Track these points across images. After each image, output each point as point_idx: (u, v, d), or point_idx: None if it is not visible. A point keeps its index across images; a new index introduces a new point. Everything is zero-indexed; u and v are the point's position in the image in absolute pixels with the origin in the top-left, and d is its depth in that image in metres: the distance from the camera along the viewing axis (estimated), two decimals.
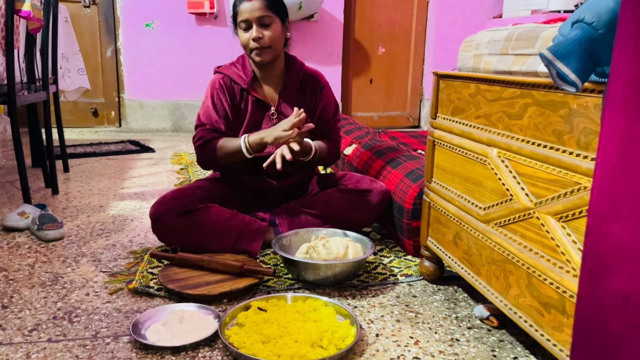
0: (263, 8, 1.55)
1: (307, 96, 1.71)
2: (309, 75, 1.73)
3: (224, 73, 1.67)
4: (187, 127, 4.07)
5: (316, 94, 1.72)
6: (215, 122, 1.62)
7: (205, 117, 1.64)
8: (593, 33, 0.66)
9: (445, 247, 1.33)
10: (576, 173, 0.85)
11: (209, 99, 1.65)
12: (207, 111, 1.64)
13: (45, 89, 2.27)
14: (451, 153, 1.27)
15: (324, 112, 1.73)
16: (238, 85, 1.65)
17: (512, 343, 1.15)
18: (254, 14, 1.55)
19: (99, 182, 2.47)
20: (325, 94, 1.73)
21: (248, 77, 1.65)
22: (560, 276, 0.89)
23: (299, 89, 1.71)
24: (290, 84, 1.69)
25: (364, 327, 1.20)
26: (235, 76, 1.66)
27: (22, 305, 1.26)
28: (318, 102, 1.72)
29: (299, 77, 1.70)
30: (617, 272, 0.55)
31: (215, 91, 1.65)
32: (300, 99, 1.70)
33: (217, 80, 1.66)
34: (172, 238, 1.56)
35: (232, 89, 1.66)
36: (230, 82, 1.66)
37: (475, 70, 1.20)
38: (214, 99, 1.64)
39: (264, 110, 1.67)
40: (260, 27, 1.56)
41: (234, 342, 1.07)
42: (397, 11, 4.29)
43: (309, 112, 1.71)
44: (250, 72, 1.66)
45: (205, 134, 1.61)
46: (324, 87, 1.73)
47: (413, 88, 4.48)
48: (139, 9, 3.83)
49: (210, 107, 1.64)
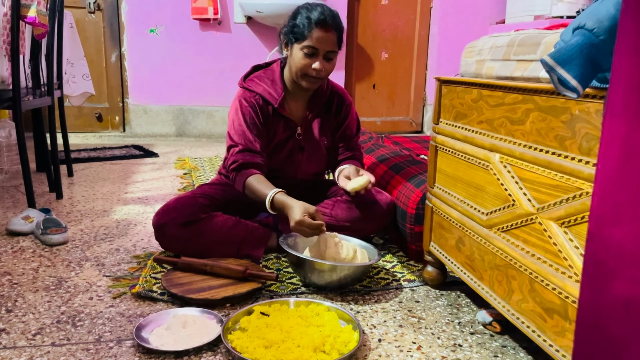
0: (335, 43, 1.53)
1: (332, 114, 1.72)
2: (335, 93, 1.72)
3: (255, 91, 1.62)
4: (191, 132, 4.08)
5: (341, 111, 1.72)
6: (250, 141, 1.56)
7: (240, 137, 1.57)
8: (594, 39, 0.66)
9: (448, 252, 1.33)
10: (578, 178, 0.85)
11: (240, 118, 1.59)
12: (240, 130, 1.58)
13: (50, 94, 2.28)
14: (454, 158, 1.27)
15: (348, 130, 1.74)
16: (270, 105, 1.62)
17: (514, 349, 1.14)
18: (326, 47, 1.52)
19: (103, 187, 2.48)
20: (350, 113, 1.74)
21: (279, 95, 1.61)
22: (562, 281, 0.89)
23: (325, 107, 1.71)
24: (317, 103, 1.68)
25: (367, 332, 1.20)
26: (267, 94, 1.61)
27: (26, 309, 1.26)
28: (342, 120, 1.73)
29: (326, 95, 1.70)
30: (619, 277, 0.55)
31: (247, 110, 1.59)
32: (326, 117, 1.71)
33: (249, 99, 1.61)
34: (175, 247, 1.56)
35: (264, 108, 1.62)
36: (262, 102, 1.62)
37: (478, 76, 1.20)
38: (247, 118, 1.58)
39: (291, 129, 1.67)
40: (324, 60, 1.53)
41: (236, 347, 1.07)
42: (400, 17, 4.30)
43: (332, 129, 1.72)
44: (281, 90, 1.62)
45: (240, 158, 1.55)
46: (349, 106, 1.74)
47: (416, 93, 4.49)
48: (144, 15, 3.85)
49: (243, 126, 1.58)
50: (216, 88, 3.99)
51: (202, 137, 4.09)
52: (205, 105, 4.03)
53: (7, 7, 1.92)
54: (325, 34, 1.51)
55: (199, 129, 4.08)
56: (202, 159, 3.22)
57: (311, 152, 1.69)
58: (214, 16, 3.82)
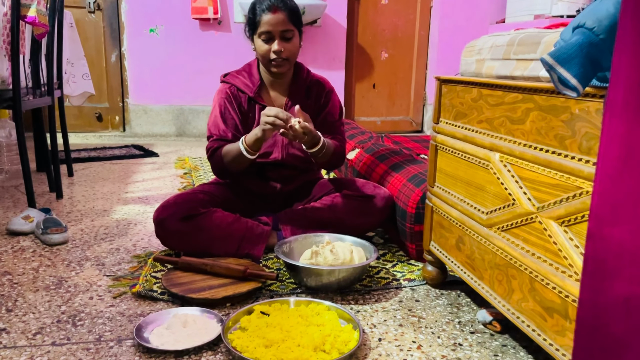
0: (286, 22, 1.56)
1: (312, 100, 1.73)
2: (315, 81, 1.75)
3: (231, 82, 1.68)
4: (191, 132, 4.09)
5: (321, 97, 1.74)
6: (223, 131, 1.63)
7: (214, 127, 1.65)
8: (594, 38, 0.66)
9: (448, 252, 1.33)
10: (578, 177, 0.85)
11: (216, 109, 1.67)
12: (215, 121, 1.66)
13: (50, 93, 2.28)
14: (454, 157, 1.27)
15: (329, 115, 1.74)
16: (245, 94, 1.67)
17: (515, 348, 1.14)
18: (278, 28, 1.55)
19: (103, 187, 2.48)
20: (330, 98, 1.75)
21: (255, 85, 1.67)
22: (562, 280, 0.89)
23: (305, 95, 1.72)
24: (296, 91, 1.70)
25: (367, 332, 1.20)
26: (242, 85, 1.67)
27: (26, 309, 1.26)
28: (323, 105, 1.74)
29: (305, 83, 1.72)
30: (619, 276, 0.55)
31: (222, 101, 1.66)
32: (306, 103, 1.71)
33: (224, 90, 1.68)
34: (175, 242, 1.56)
35: (239, 97, 1.67)
36: (237, 92, 1.67)
37: (478, 75, 1.20)
38: (222, 109, 1.66)
39: None
40: (282, 41, 1.57)
41: (236, 346, 1.07)
42: (400, 16, 4.30)
43: (313, 115, 1.72)
44: (257, 80, 1.67)
45: (213, 144, 1.63)
46: (329, 92, 1.75)
47: (416, 93, 4.49)
48: (144, 15, 3.85)
49: (218, 117, 1.65)
50: (216, 88, 3.95)
51: (202, 137, 4.09)
52: (205, 105, 4.04)
53: (7, 7, 1.92)
54: (273, 15, 1.55)
55: (199, 128, 4.09)
56: (202, 158, 3.22)
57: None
58: (214, 16, 3.82)
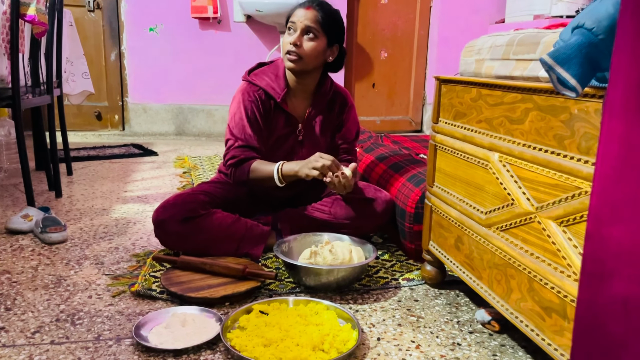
0: (314, 20, 1.54)
1: (333, 114, 1.72)
2: (338, 93, 1.73)
3: (258, 85, 1.62)
4: (190, 131, 4.08)
5: (342, 113, 1.73)
6: (250, 137, 1.57)
7: (239, 131, 1.58)
8: (593, 39, 0.66)
9: (447, 251, 1.33)
10: (577, 178, 0.86)
11: (242, 112, 1.59)
12: (240, 124, 1.58)
13: (49, 92, 2.28)
14: (453, 157, 1.27)
15: (348, 133, 1.74)
16: (272, 99, 1.62)
17: (513, 347, 1.15)
18: (304, 22, 1.53)
19: (102, 185, 2.48)
20: (350, 115, 1.74)
21: (282, 90, 1.61)
22: (561, 280, 0.89)
23: (327, 107, 1.71)
24: (319, 102, 1.68)
25: (366, 331, 1.20)
26: (270, 89, 1.61)
27: (25, 308, 1.26)
28: (343, 122, 1.73)
29: (328, 95, 1.70)
30: (617, 276, 0.55)
31: (250, 104, 1.59)
32: (327, 116, 1.71)
33: (252, 93, 1.61)
34: (175, 243, 1.56)
35: (266, 102, 1.62)
36: (265, 96, 1.62)
37: (477, 75, 1.20)
38: (248, 112, 1.59)
39: (292, 126, 1.67)
40: (302, 35, 1.54)
41: (235, 345, 1.07)
42: (399, 16, 4.30)
43: (332, 130, 1.73)
44: (283, 85, 1.62)
45: (239, 153, 1.57)
46: (350, 108, 1.74)
47: (415, 92, 4.49)
48: (143, 14, 3.85)
49: (244, 120, 1.58)
50: (216, 87, 3.99)
51: (201, 136, 4.09)
52: (204, 104, 4.03)
53: (7, 6, 1.92)
54: (304, 10, 1.54)
55: (199, 127, 4.08)
56: (202, 157, 3.22)
57: (311, 149, 1.69)
58: (213, 15, 3.82)
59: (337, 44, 1.62)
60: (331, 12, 1.58)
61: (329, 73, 1.70)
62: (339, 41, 1.62)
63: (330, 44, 1.60)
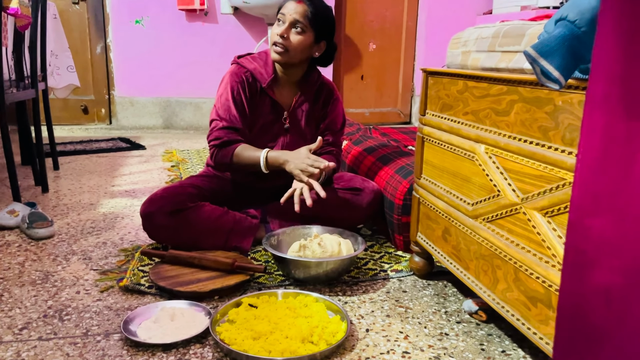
0: (303, 15, 1.53)
1: (319, 105, 1.72)
2: (324, 85, 1.73)
3: (246, 67, 1.63)
4: (178, 124, 4.06)
5: (328, 105, 1.73)
6: (234, 117, 1.58)
7: (224, 111, 1.58)
8: (576, 31, 0.67)
9: (435, 243, 1.34)
10: (561, 169, 0.87)
11: (228, 92, 1.59)
12: (226, 105, 1.59)
13: (34, 86, 2.25)
14: (440, 149, 1.28)
15: (332, 124, 1.74)
16: (259, 83, 1.63)
17: (500, 337, 1.16)
18: (293, 15, 1.53)
19: (89, 180, 2.46)
20: (336, 107, 1.74)
21: (269, 76, 1.62)
22: (546, 270, 0.91)
23: (313, 98, 1.71)
24: (306, 92, 1.69)
25: (355, 323, 1.21)
26: (257, 73, 1.62)
27: (12, 304, 1.25)
28: (328, 113, 1.73)
29: (315, 86, 1.70)
30: (599, 266, 0.56)
31: (236, 85, 1.60)
32: (312, 107, 1.71)
33: (239, 74, 1.62)
34: (163, 236, 1.56)
35: (252, 85, 1.62)
36: (252, 78, 1.62)
37: (464, 67, 1.21)
38: (234, 92, 1.59)
39: (277, 113, 1.67)
40: (290, 28, 1.54)
41: (224, 339, 1.07)
42: (387, 7, 4.29)
43: (317, 121, 1.73)
44: (271, 71, 1.63)
45: (222, 135, 1.57)
46: (336, 100, 1.74)
47: (404, 84, 4.49)
48: (129, 6, 3.80)
49: (230, 101, 1.58)
50: (203, 79, 3.96)
51: (189, 129, 4.06)
52: (192, 97, 4.01)
53: None
54: (295, 3, 1.54)
55: (187, 120, 4.06)
56: (190, 151, 3.20)
57: (296, 137, 1.69)
58: (200, 7, 3.78)
59: (324, 40, 1.62)
60: (322, 8, 1.58)
61: (317, 67, 1.70)
62: (327, 38, 1.62)
63: (318, 40, 1.60)
